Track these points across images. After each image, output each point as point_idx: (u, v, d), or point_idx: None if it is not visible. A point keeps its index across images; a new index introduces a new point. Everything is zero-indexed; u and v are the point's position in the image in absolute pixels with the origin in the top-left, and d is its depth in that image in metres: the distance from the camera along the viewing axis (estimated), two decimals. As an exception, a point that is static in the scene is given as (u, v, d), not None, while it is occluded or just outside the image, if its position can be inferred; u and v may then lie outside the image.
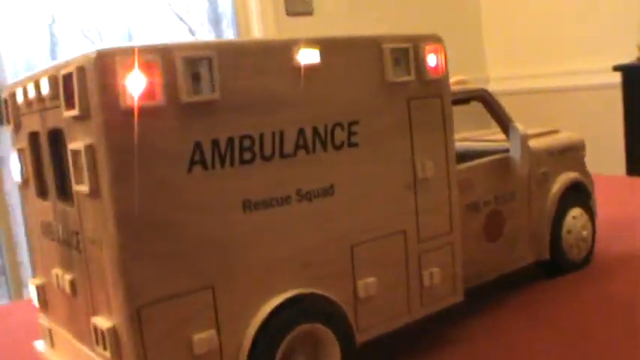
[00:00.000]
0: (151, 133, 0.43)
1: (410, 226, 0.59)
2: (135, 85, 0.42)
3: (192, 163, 0.45)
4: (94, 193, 0.43)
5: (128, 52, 0.42)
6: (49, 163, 0.52)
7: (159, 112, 0.44)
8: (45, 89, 0.48)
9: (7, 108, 0.58)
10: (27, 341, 0.64)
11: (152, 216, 0.44)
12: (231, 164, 0.47)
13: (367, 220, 0.56)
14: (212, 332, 0.47)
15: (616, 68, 2.72)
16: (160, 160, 0.44)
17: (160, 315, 0.44)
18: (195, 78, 0.45)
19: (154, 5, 2.70)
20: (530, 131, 0.76)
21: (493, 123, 0.75)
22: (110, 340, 0.45)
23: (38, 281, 0.60)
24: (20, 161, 0.58)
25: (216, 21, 3.08)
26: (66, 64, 0.45)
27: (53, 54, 2.18)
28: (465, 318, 0.68)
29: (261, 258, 0.49)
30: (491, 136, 0.81)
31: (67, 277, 0.52)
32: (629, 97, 2.70)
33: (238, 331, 0.48)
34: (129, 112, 0.42)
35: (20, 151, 0.58)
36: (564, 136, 0.83)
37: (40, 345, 0.62)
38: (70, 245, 0.50)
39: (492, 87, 4.08)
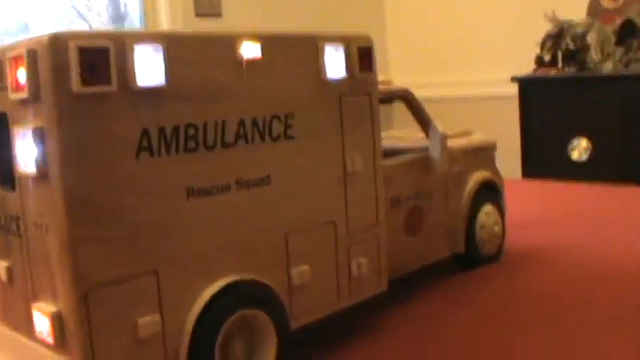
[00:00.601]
0: (102, 117, 0.44)
1: (340, 217, 0.61)
2: (87, 69, 0.43)
3: (140, 149, 0.46)
4: (43, 176, 0.43)
5: (82, 36, 0.43)
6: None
7: (110, 97, 0.44)
8: None
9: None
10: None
11: (100, 200, 0.44)
12: (177, 152, 0.48)
13: (300, 210, 0.58)
14: (156, 316, 0.47)
15: (514, 80, 2.86)
16: (110, 145, 0.45)
17: (106, 299, 0.45)
18: (144, 66, 0.46)
19: (56, 3, 2.63)
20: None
21: (413, 123, 0.79)
22: (55, 324, 0.45)
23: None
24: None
25: (118, 19, 3.03)
26: (11, 47, 0.45)
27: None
28: (387, 306, 0.71)
29: (203, 244, 0.50)
30: (412, 135, 0.85)
31: (3, 263, 0.51)
32: (525, 106, 2.84)
33: (181, 315, 0.49)
34: (80, 96, 0.43)
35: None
36: (477, 137, 0.88)
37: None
38: (8, 231, 0.50)
39: (396, 95, 4.18)
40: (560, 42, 2.89)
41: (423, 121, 0.77)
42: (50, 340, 0.45)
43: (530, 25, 3.14)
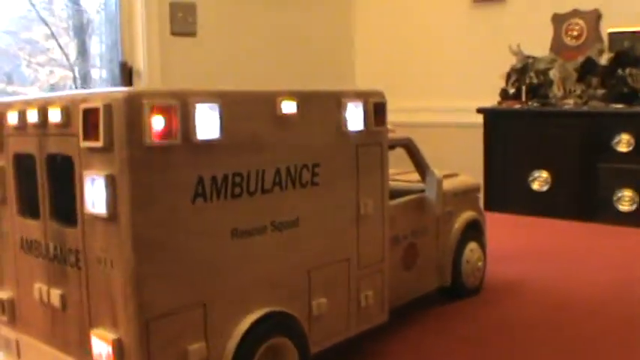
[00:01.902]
0: (166, 167, 0.50)
1: (353, 255, 0.68)
2: (157, 125, 0.49)
3: (196, 195, 0.52)
4: (112, 217, 0.49)
5: (153, 95, 0.49)
6: (44, 186, 0.57)
7: (174, 149, 0.50)
8: (55, 118, 0.53)
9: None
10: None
11: (161, 240, 0.50)
12: (225, 197, 0.54)
13: (322, 249, 0.64)
14: (203, 343, 0.53)
15: (479, 111, 2.98)
16: (171, 192, 0.50)
17: (162, 328, 0.50)
18: (203, 121, 0.52)
19: (16, 4, 2.65)
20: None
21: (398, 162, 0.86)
22: (116, 350, 0.50)
23: (5, 295, 0.64)
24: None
25: (80, 29, 3.06)
26: (84, 99, 0.51)
27: None
28: (386, 334, 0.78)
29: (242, 279, 0.56)
30: (404, 176, 0.92)
31: (57, 291, 0.56)
32: (489, 136, 2.96)
33: (222, 343, 0.55)
34: (150, 148, 0.49)
35: (-2, 171, 0.62)
36: (464, 179, 0.95)
37: (-2, 356, 0.65)
38: (64, 262, 0.55)
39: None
40: (525, 76, 3.03)
41: (421, 165, 0.84)
42: (110, 364, 0.50)
43: (497, 58, 3.27)
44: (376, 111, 0.69)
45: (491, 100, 3.12)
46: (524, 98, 2.97)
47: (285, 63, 3.66)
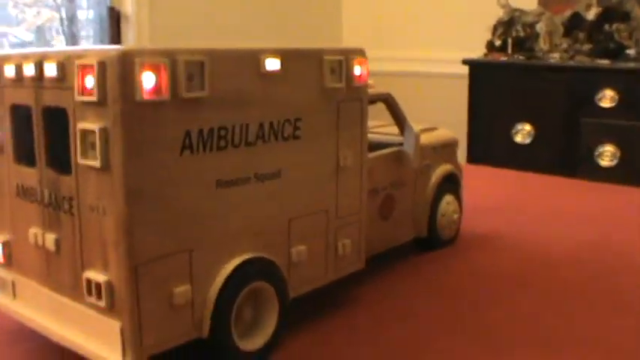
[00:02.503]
0: (156, 122, 0.53)
1: (331, 205, 0.72)
2: (147, 81, 0.52)
3: (183, 148, 0.55)
4: (105, 168, 0.52)
5: (143, 53, 0.52)
6: (40, 136, 0.60)
7: (163, 105, 0.53)
8: (51, 72, 0.56)
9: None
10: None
11: (151, 190, 0.53)
12: (210, 149, 0.58)
13: (302, 200, 0.68)
14: (188, 287, 0.57)
15: (465, 62, 3.00)
16: (160, 145, 0.54)
17: (150, 271, 0.54)
18: (190, 78, 0.55)
19: None
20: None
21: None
22: (106, 291, 0.54)
23: (2, 238, 0.67)
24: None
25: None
26: (78, 55, 0.53)
27: None
28: (363, 281, 0.82)
29: (226, 227, 0.60)
30: (383, 129, 0.96)
31: (51, 235, 0.60)
32: (474, 89, 2.98)
33: (206, 287, 0.59)
34: (141, 103, 0.52)
35: (-5, 120, 0.65)
36: (443, 133, 0.99)
37: (-7, 295, 0.69)
38: (58, 208, 0.59)
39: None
40: (511, 29, 3.04)
41: (400, 120, 0.87)
42: (102, 304, 0.54)
43: (484, 10, 3.27)
44: (357, 67, 0.72)
45: (478, 52, 3.13)
46: (510, 51, 2.98)
47: (272, 10, 3.64)
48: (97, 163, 0.52)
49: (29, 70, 0.59)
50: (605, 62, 2.61)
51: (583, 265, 0.90)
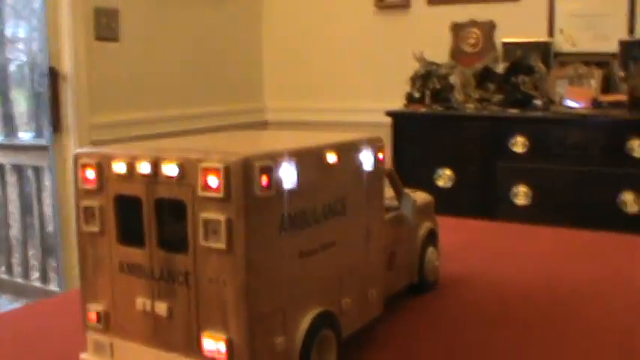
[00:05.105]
0: (265, 210, 0.69)
1: (363, 263, 0.89)
2: (262, 180, 0.68)
3: (281, 228, 0.71)
4: (230, 250, 0.67)
5: (259, 157, 0.68)
6: (151, 222, 0.74)
7: (270, 198, 0.69)
8: (171, 172, 0.70)
9: (98, 174, 0.77)
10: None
11: (260, 263, 0.69)
12: (295, 228, 0.74)
13: (347, 261, 0.85)
14: (283, 337, 0.72)
15: (388, 114, 3.25)
16: (267, 228, 0.69)
17: (261, 327, 0.69)
18: (286, 175, 0.71)
19: None
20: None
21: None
22: (228, 346, 0.69)
23: (100, 307, 0.80)
24: (89, 214, 0.77)
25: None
26: (198, 159, 0.68)
27: None
28: (378, 322, 0.99)
29: (305, 287, 0.76)
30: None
31: (162, 304, 0.73)
32: (397, 137, 3.23)
33: (294, 337, 0.74)
34: (258, 198, 0.67)
35: (97, 208, 0.78)
36: (424, 196, 1.18)
37: (86, 356, 0.81)
38: (172, 282, 0.73)
39: (269, 117, 4.48)
40: (428, 82, 3.32)
41: (399, 189, 1.06)
42: (223, 357, 0.69)
43: (402, 63, 3.54)
44: (380, 154, 0.90)
45: (398, 103, 3.39)
46: (428, 102, 3.25)
47: (200, 65, 3.80)
48: (222, 246, 0.68)
49: (144, 168, 0.73)
50: (515, 111, 2.92)
51: (539, 300, 1.10)
